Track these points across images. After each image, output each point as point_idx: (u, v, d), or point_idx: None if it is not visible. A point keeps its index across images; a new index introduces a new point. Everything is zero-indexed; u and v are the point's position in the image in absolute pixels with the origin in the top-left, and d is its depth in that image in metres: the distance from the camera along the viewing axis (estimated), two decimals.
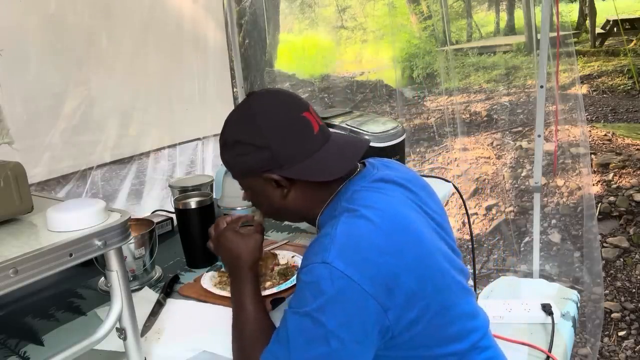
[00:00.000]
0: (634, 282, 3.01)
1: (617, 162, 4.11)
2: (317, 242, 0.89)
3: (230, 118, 1.02)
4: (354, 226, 0.88)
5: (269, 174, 0.96)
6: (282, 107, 0.98)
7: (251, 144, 0.96)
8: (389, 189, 0.99)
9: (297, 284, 0.88)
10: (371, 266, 0.84)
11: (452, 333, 0.93)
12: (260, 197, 1.04)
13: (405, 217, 0.93)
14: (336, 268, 0.82)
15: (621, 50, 8.60)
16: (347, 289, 0.81)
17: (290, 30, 11.21)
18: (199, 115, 2.63)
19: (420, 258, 0.90)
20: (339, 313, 0.82)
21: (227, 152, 1.01)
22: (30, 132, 1.87)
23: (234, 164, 1.01)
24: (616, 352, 2.55)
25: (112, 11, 2.15)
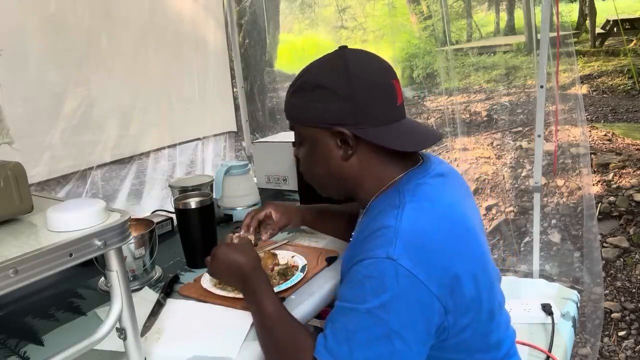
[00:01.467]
0: (634, 282, 3.01)
1: (617, 162, 4.11)
2: (377, 234, 0.84)
3: (316, 63, 0.97)
4: (420, 222, 0.84)
5: (342, 128, 0.92)
6: (376, 66, 0.95)
7: (335, 92, 0.91)
8: (449, 186, 0.97)
9: (353, 276, 0.84)
10: (437, 266, 0.81)
11: (494, 340, 0.93)
12: (318, 153, 0.97)
13: (466, 218, 0.91)
14: (402, 266, 0.79)
15: (621, 50, 8.59)
16: (413, 288, 0.79)
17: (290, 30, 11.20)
18: (199, 115, 2.63)
19: (480, 262, 0.88)
20: (403, 312, 0.79)
21: (302, 96, 0.96)
22: (30, 132, 1.87)
23: (306, 109, 0.95)
24: (616, 352, 2.54)
25: (112, 11, 2.15)
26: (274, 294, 1.00)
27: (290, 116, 1.00)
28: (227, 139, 2.86)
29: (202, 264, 1.34)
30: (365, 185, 0.97)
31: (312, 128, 0.96)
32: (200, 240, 1.35)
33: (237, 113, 2.88)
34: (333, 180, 1.00)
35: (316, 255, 1.32)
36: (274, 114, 7.21)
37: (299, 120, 0.98)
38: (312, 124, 0.96)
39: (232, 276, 1.05)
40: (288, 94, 0.99)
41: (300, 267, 1.23)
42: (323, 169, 0.99)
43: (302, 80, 0.96)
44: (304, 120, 0.97)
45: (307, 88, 0.95)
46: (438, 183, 0.94)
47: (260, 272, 1.04)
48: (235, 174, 1.69)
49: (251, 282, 1.01)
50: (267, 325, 0.96)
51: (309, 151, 1.00)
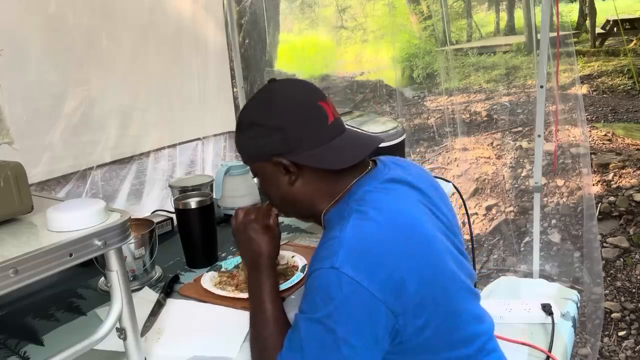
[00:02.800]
0: (634, 282, 3.01)
1: (617, 162, 4.11)
2: (324, 245, 0.87)
3: (249, 101, 1.02)
4: (363, 229, 0.86)
5: (278, 158, 0.95)
6: (299, 92, 0.99)
7: (264, 125, 0.95)
8: (400, 190, 0.98)
9: (307, 288, 0.87)
10: (380, 271, 0.82)
11: (461, 337, 0.92)
12: (268, 183, 1.02)
13: (416, 220, 0.92)
14: (345, 273, 0.80)
15: (621, 50, 8.59)
16: (357, 294, 0.80)
17: (290, 30, 11.21)
18: (199, 115, 2.63)
19: (431, 263, 0.88)
20: (349, 320, 0.81)
21: (241, 134, 1.00)
22: (30, 132, 1.87)
23: (245, 146, 1.01)
24: (616, 352, 2.55)
25: (112, 11, 2.15)
26: (277, 295, 1.01)
27: (240, 154, 1.06)
28: (227, 139, 2.86)
29: (202, 264, 1.34)
30: (318, 203, 0.99)
31: (257, 162, 1.00)
32: (200, 240, 1.35)
33: (237, 113, 2.87)
34: (289, 205, 1.03)
35: None
36: None
37: (244, 158, 1.04)
38: (255, 159, 1.01)
39: (248, 253, 1.08)
40: (235, 134, 1.04)
41: (300, 267, 1.23)
42: (277, 197, 1.03)
43: (239, 120, 1.01)
44: (247, 157, 1.03)
45: (243, 126, 1.00)
46: (386, 189, 0.96)
47: (273, 268, 1.06)
48: (235, 174, 1.69)
49: (261, 275, 1.03)
50: (260, 321, 0.98)
51: (262, 182, 1.04)
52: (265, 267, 1.03)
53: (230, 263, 1.30)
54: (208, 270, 1.26)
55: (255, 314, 0.99)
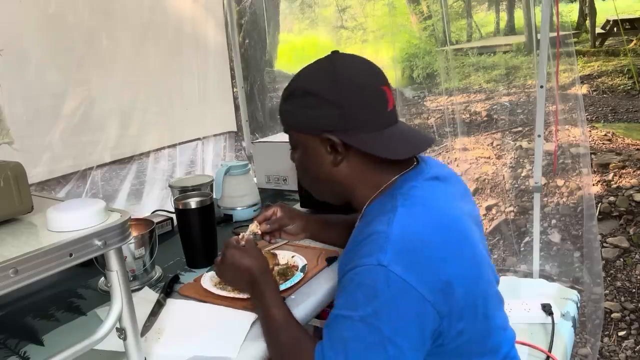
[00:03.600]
0: (634, 282, 3.01)
1: (617, 162, 4.11)
2: (367, 240, 0.84)
3: (306, 69, 0.97)
4: (411, 228, 0.84)
5: (330, 135, 0.91)
6: (365, 71, 0.95)
7: (324, 98, 0.91)
8: (444, 189, 0.96)
9: (346, 284, 0.83)
10: (429, 272, 0.80)
11: (490, 344, 0.92)
12: (309, 158, 0.98)
13: (460, 223, 0.90)
14: (393, 272, 0.78)
15: (621, 50, 8.59)
16: (405, 294, 0.78)
17: (290, 30, 11.20)
18: (199, 115, 2.63)
19: (474, 268, 0.87)
20: (396, 319, 0.79)
21: (292, 102, 0.96)
22: (30, 132, 1.87)
23: (294, 115, 0.96)
24: (616, 352, 2.55)
25: (112, 11, 2.15)
26: (281, 300, 1.01)
27: (283, 122, 1.01)
28: (227, 139, 2.86)
29: (202, 264, 1.34)
30: (358, 190, 0.96)
31: (303, 133, 0.96)
32: (200, 240, 1.35)
33: (237, 113, 2.88)
34: (325, 185, 1.00)
35: (316, 255, 1.32)
36: (274, 114, 7.21)
37: (290, 125, 0.99)
38: (302, 130, 0.97)
39: (240, 280, 1.05)
40: (281, 99, 1.00)
41: (300, 267, 1.23)
42: (315, 174, 0.99)
43: (292, 87, 0.96)
44: (294, 126, 0.98)
45: (296, 94, 0.95)
46: (432, 186, 0.94)
47: (269, 277, 1.04)
48: (235, 174, 1.69)
49: (259, 287, 1.01)
50: (274, 330, 0.96)
51: (302, 156, 1.01)
52: (260, 279, 1.02)
53: None
54: (208, 270, 1.26)
55: (265, 325, 0.98)
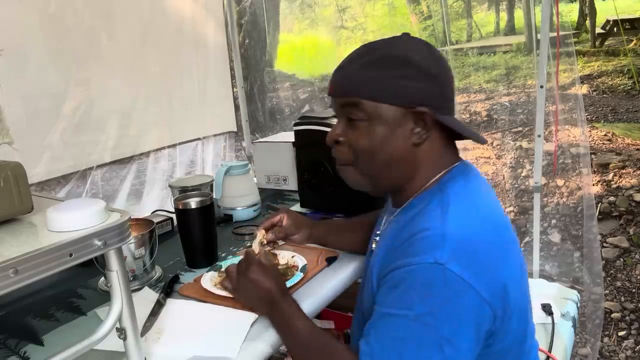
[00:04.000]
0: (634, 282, 3.01)
1: (617, 162, 4.11)
2: (420, 237, 0.80)
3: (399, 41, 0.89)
4: (466, 225, 0.81)
5: (426, 109, 0.85)
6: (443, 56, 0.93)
7: (427, 71, 0.86)
8: (489, 190, 0.94)
9: (396, 281, 0.80)
10: (487, 271, 0.79)
11: (526, 348, 0.91)
12: (388, 134, 0.87)
13: (507, 222, 0.89)
14: (452, 270, 0.75)
15: (621, 50, 8.60)
16: (464, 293, 0.76)
17: (290, 30, 11.19)
18: (199, 115, 2.63)
19: (521, 269, 0.87)
20: (453, 319, 0.76)
21: (382, 69, 0.86)
22: (30, 132, 1.87)
23: (386, 84, 0.86)
24: (616, 352, 2.55)
25: (112, 11, 2.15)
26: (303, 313, 0.99)
27: (356, 90, 0.88)
28: (227, 139, 2.86)
29: (202, 264, 1.34)
30: (418, 177, 0.91)
31: (388, 106, 0.86)
32: (200, 240, 1.35)
33: (237, 113, 2.88)
34: (391, 168, 0.91)
35: (316, 255, 1.32)
36: (274, 114, 7.21)
37: (373, 95, 0.86)
38: (390, 101, 0.86)
39: (257, 298, 1.02)
40: (351, 67, 0.89)
41: (300, 267, 1.23)
42: (388, 154, 0.89)
43: (382, 53, 0.87)
44: (380, 97, 0.86)
45: (388, 61, 0.86)
46: (479, 184, 0.92)
47: (288, 296, 1.02)
48: (235, 174, 1.69)
49: (281, 306, 0.98)
50: (303, 344, 0.94)
51: (376, 132, 0.88)
52: (280, 298, 0.99)
53: (230, 263, 1.29)
54: (208, 270, 1.26)
55: (291, 340, 0.96)
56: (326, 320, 1.83)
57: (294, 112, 7.25)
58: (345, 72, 0.90)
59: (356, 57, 0.90)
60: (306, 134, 1.60)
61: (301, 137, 1.63)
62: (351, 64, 0.90)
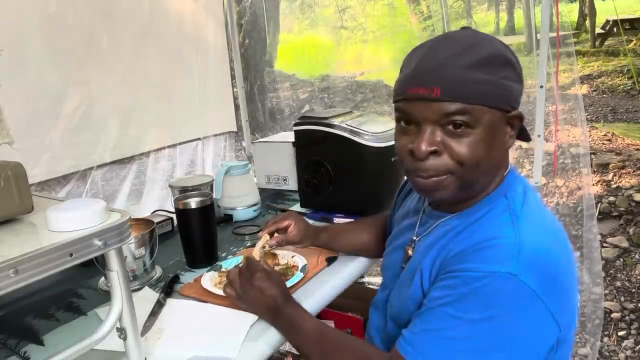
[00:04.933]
0: (634, 282, 3.01)
1: (617, 162, 4.11)
2: (490, 244, 0.78)
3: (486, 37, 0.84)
4: (539, 237, 0.80)
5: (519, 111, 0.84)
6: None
7: (520, 71, 0.84)
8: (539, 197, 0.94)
9: (461, 285, 0.78)
10: (558, 285, 0.78)
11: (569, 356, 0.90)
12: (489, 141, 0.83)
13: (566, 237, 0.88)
14: (525, 283, 0.74)
15: (621, 50, 8.60)
16: (531, 306, 0.75)
17: (290, 30, 11.19)
18: (199, 115, 2.63)
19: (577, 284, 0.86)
20: (514, 329, 0.75)
21: (490, 71, 0.80)
22: (30, 132, 1.87)
23: (497, 86, 0.81)
24: (616, 352, 2.55)
25: (112, 11, 2.15)
26: (309, 314, 1.00)
27: (465, 95, 0.80)
28: (227, 139, 2.86)
29: (202, 264, 1.34)
30: (493, 182, 0.89)
31: (494, 110, 0.82)
32: (200, 240, 1.35)
33: (237, 113, 2.88)
34: (489, 175, 0.87)
35: (316, 255, 1.32)
36: (274, 114, 7.21)
37: (484, 101, 0.80)
38: (498, 105, 0.82)
39: (261, 304, 1.02)
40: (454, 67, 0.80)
41: (300, 267, 1.23)
42: (491, 160, 0.85)
43: (489, 53, 0.81)
44: (490, 101, 0.81)
45: (496, 63, 0.81)
46: (533, 192, 0.91)
47: (293, 300, 1.02)
48: (235, 174, 1.69)
49: (286, 311, 0.99)
50: (317, 342, 0.94)
51: (482, 138, 0.82)
52: (284, 303, 0.99)
53: (230, 263, 1.30)
54: (208, 270, 1.26)
55: (304, 341, 0.96)
56: (326, 320, 1.83)
57: (294, 112, 7.25)
58: (450, 73, 0.81)
59: (455, 56, 0.81)
60: (306, 134, 1.60)
61: (301, 137, 1.63)
62: (454, 63, 0.81)
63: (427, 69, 0.82)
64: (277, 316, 1.00)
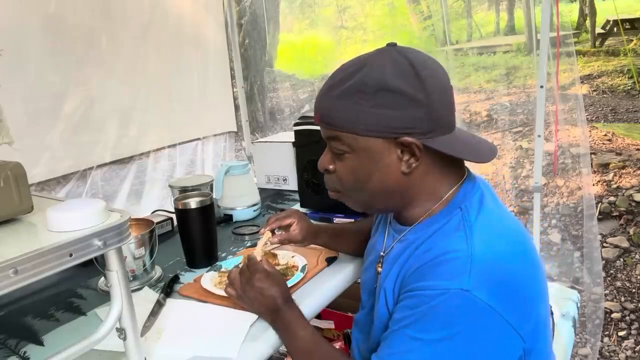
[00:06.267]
0: (634, 282, 3.01)
1: (617, 162, 4.11)
2: (444, 259, 0.77)
3: (372, 61, 0.83)
4: (494, 247, 0.78)
5: (410, 138, 0.80)
6: (437, 66, 0.85)
7: (409, 96, 0.79)
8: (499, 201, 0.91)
9: (416, 303, 0.77)
10: (516, 298, 0.76)
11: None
12: (372, 166, 0.84)
13: (529, 239, 0.86)
14: (478, 297, 0.73)
15: (621, 50, 8.60)
16: (489, 320, 0.73)
17: (290, 30, 11.18)
18: (199, 115, 2.64)
19: (545, 287, 0.85)
20: (474, 345, 0.74)
21: (357, 99, 0.81)
22: (30, 132, 1.87)
23: (364, 114, 0.81)
24: (616, 352, 2.55)
25: (112, 11, 2.15)
26: (306, 321, 0.99)
27: (335, 123, 0.84)
28: (227, 139, 2.86)
29: (202, 264, 1.34)
30: (418, 201, 0.88)
31: (369, 137, 0.82)
32: (200, 240, 1.35)
33: (237, 113, 2.88)
34: (384, 196, 0.88)
35: (316, 255, 1.32)
36: (274, 114, 7.22)
37: (350, 128, 0.83)
38: (371, 133, 0.82)
39: (263, 306, 1.02)
40: (328, 96, 0.85)
41: (300, 267, 1.23)
42: (376, 184, 0.86)
43: (356, 81, 0.82)
44: (358, 129, 0.82)
45: (366, 90, 0.80)
46: (493, 199, 0.88)
47: (293, 303, 1.02)
48: (235, 174, 1.69)
49: (284, 314, 0.99)
50: (306, 352, 0.94)
51: (360, 164, 0.85)
52: (284, 305, 0.99)
53: (230, 263, 1.30)
54: (208, 270, 1.26)
55: (294, 347, 0.96)
56: (326, 320, 1.83)
57: (294, 112, 7.25)
58: (325, 101, 0.86)
59: (334, 85, 0.85)
60: (306, 134, 1.60)
61: (301, 137, 1.63)
62: (330, 92, 0.85)
63: (318, 95, 0.90)
64: (276, 318, 1.00)
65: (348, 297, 1.39)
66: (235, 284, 1.05)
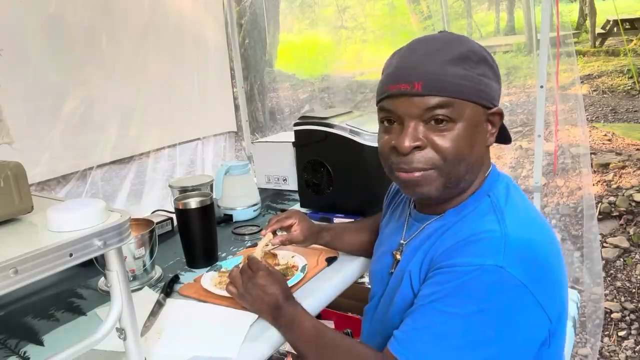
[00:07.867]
0: (634, 282, 3.01)
1: (617, 162, 4.11)
2: (477, 238, 0.79)
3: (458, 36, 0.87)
4: (525, 230, 0.80)
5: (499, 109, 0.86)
6: None
7: (495, 71, 0.86)
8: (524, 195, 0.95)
9: (450, 280, 0.78)
10: (545, 277, 0.78)
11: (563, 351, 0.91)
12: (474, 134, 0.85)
13: (554, 233, 0.89)
14: (512, 274, 0.74)
15: (621, 50, 8.60)
16: (520, 297, 0.75)
17: (290, 30, 11.18)
18: (199, 115, 2.64)
19: (567, 280, 0.86)
20: (504, 320, 0.75)
21: (468, 67, 0.82)
22: (30, 132, 1.87)
23: (475, 82, 0.82)
24: (616, 352, 2.54)
25: (112, 11, 2.15)
26: (309, 314, 1.00)
27: (449, 88, 0.81)
28: (227, 139, 2.86)
29: (202, 264, 1.34)
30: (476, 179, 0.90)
31: (474, 105, 0.83)
32: (200, 240, 1.35)
33: (237, 113, 2.88)
34: (471, 171, 0.88)
35: (316, 255, 1.32)
36: (274, 114, 7.21)
37: (466, 95, 0.82)
38: (479, 101, 0.83)
39: (264, 304, 1.02)
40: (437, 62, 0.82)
41: (300, 267, 1.23)
42: (475, 155, 0.86)
43: (467, 50, 0.83)
44: (471, 96, 0.82)
45: (473, 58, 0.82)
46: (516, 190, 0.92)
47: (293, 299, 1.02)
48: (235, 174, 1.69)
49: (287, 309, 0.99)
50: (314, 341, 0.94)
51: (465, 133, 0.83)
52: (285, 302, 1.00)
53: (230, 263, 1.30)
54: (208, 270, 1.26)
55: (301, 340, 0.96)
56: (326, 320, 1.83)
57: (294, 112, 7.25)
58: (433, 66, 0.82)
59: (433, 52, 0.83)
60: (306, 134, 1.60)
61: (301, 137, 1.63)
62: (432, 60, 0.82)
63: (408, 66, 0.85)
64: (278, 315, 1.00)
65: (348, 297, 1.39)
66: (236, 283, 1.05)
